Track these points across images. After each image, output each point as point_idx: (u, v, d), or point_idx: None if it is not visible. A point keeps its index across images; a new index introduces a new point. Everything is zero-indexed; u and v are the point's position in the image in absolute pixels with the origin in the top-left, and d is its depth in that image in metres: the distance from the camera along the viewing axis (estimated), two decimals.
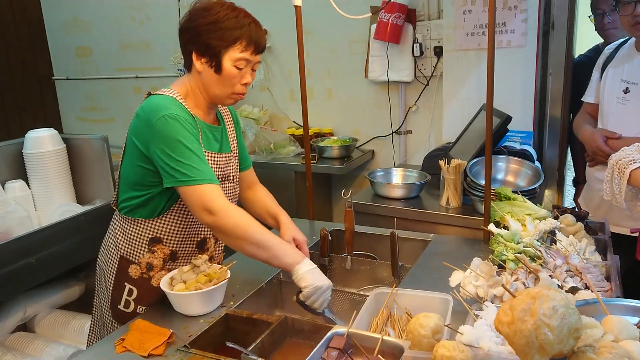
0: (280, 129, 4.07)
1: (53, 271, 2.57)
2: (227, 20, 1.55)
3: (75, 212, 2.74)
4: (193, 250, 1.74)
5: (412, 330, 1.23)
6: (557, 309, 0.87)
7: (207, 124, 1.68)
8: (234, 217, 1.51)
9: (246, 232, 1.51)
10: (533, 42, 2.90)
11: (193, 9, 1.59)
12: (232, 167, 1.77)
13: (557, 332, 0.86)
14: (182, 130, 1.52)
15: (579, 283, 1.47)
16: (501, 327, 0.93)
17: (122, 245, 1.72)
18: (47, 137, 2.84)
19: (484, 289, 1.47)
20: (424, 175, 2.82)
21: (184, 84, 1.66)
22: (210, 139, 1.68)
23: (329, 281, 1.55)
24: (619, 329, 1.00)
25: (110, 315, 1.76)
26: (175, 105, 1.57)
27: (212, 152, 1.66)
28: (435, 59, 3.38)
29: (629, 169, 1.73)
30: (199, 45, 1.57)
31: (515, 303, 0.91)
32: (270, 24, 3.90)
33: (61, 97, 5.13)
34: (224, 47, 1.55)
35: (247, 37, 1.56)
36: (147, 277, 1.70)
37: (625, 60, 2.28)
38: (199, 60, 1.58)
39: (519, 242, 1.68)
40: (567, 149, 3.19)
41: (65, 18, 4.85)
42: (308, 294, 1.51)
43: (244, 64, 1.58)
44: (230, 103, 1.69)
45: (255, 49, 1.59)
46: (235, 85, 1.61)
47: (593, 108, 2.45)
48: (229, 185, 1.75)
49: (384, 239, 2.01)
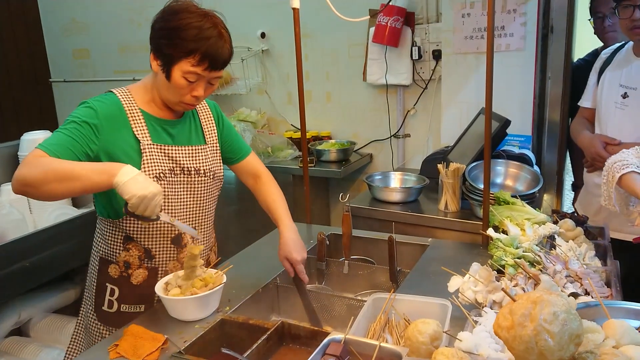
0: (278, 132, 4.05)
1: (48, 275, 2.55)
2: (188, 29, 1.49)
3: (71, 215, 2.73)
4: (169, 247, 1.71)
5: (410, 336, 1.22)
6: (558, 315, 0.85)
7: (157, 118, 1.65)
8: (33, 167, 1.38)
9: (49, 172, 1.37)
10: (532, 46, 2.89)
11: (165, 8, 1.57)
12: (202, 159, 1.73)
13: (558, 339, 0.85)
14: (80, 112, 1.52)
15: (579, 289, 1.46)
16: (500, 332, 0.91)
17: (101, 245, 1.73)
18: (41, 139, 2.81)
19: (483, 295, 1.45)
20: (422, 179, 2.81)
21: (145, 80, 1.67)
22: (160, 131, 1.65)
23: (156, 186, 1.42)
24: (621, 334, 0.98)
25: (96, 318, 1.75)
26: (103, 97, 1.58)
27: (160, 144, 1.64)
28: (433, 62, 3.37)
29: (619, 174, 1.72)
30: (155, 47, 1.56)
31: (515, 307, 0.90)
32: (269, 27, 3.91)
33: (58, 99, 5.11)
34: (176, 57, 1.51)
35: (202, 51, 1.49)
36: (126, 275, 1.69)
37: (623, 64, 2.27)
38: (154, 61, 1.57)
39: (518, 247, 1.66)
40: (566, 154, 3.18)
41: (63, 20, 4.83)
42: (134, 205, 1.40)
43: (194, 77, 1.53)
44: (179, 109, 1.67)
45: (210, 65, 1.52)
46: (184, 95, 1.58)
47: (590, 113, 2.44)
48: (199, 179, 1.72)
49: (382, 243, 2.00)
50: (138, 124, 1.61)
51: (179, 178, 1.67)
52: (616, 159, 1.79)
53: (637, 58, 2.21)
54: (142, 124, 1.62)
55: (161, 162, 1.63)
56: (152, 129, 1.64)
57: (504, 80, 2.91)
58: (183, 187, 1.69)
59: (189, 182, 1.70)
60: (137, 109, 1.62)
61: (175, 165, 1.67)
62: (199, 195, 1.74)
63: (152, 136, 1.63)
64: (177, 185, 1.67)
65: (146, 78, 1.68)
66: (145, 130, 1.62)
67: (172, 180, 1.66)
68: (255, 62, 3.97)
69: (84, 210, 2.83)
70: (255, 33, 3.90)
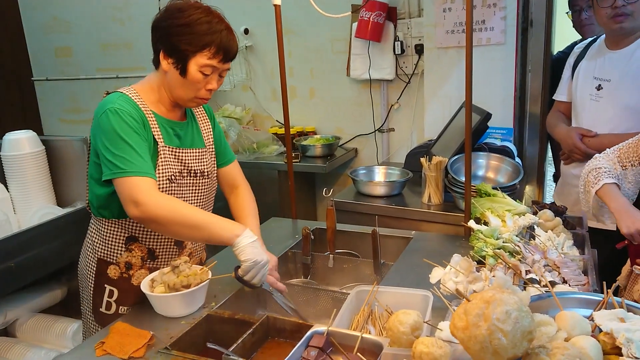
0: (263, 128, 4.06)
1: (33, 275, 2.54)
2: (200, 24, 1.53)
3: (56, 214, 2.72)
4: (172, 248, 1.73)
5: (392, 327, 1.24)
6: (511, 313, 0.88)
7: (167, 120, 1.66)
8: (163, 204, 1.48)
9: (178, 216, 1.48)
10: (512, 40, 2.93)
11: (168, 7, 1.58)
12: (205, 162, 1.75)
13: (511, 337, 0.87)
14: (121, 124, 1.51)
15: (557, 277, 1.49)
16: (456, 332, 0.93)
17: (99, 247, 1.71)
18: (25, 139, 2.81)
19: (463, 285, 1.48)
20: (405, 172, 2.84)
21: (149, 80, 1.67)
22: (171, 134, 1.66)
23: (268, 256, 1.54)
24: (572, 325, 1.01)
25: (93, 319, 1.75)
26: (123, 100, 1.57)
27: (172, 146, 1.65)
28: (416, 56, 3.40)
29: (594, 190, 1.81)
30: (167, 45, 1.56)
31: (469, 308, 0.91)
32: (252, 23, 3.91)
33: (41, 98, 5.06)
34: (192, 52, 1.54)
35: (217, 44, 1.54)
36: (127, 276, 1.70)
37: (596, 57, 2.31)
38: (165, 59, 1.57)
39: (499, 237, 1.69)
40: (547, 145, 3.23)
41: (43, 18, 4.78)
42: (247, 268, 1.50)
43: (210, 70, 1.57)
44: (192, 106, 1.69)
45: (224, 57, 1.57)
46: (199, 90, 1.60)
47: (565, 106, 2.48)
48: (203, 181, 1.74)
49: (366, 237, 2.02)
50: (153, 124, 1.62)
51: (187, 180, 1.69)
52: (590, 168, 1.86)
53: (610, 50, 2.25)
54: (155, 125, 1.62)
55: (173, 165, 1.64)
56: (163, 131, 1.64)
57: (485, 73, 2.95)
58: (189, 189, 1.70)
59: (194, 184, 1.71)
60: (149, 110, 1.62)
61: (184, 168, 1.68)
62: (202, 197, 1.76)
63: (165, 138, 1.64)
64: (184, 188, 1.68)
65: (150, 78, 1.67)
66: (159, 132, 1.62)
67: (182, 183, 1.67)
68: (239, 59, 3.96)
69: (69, 210, 2.82)
70: (239, 29, 3.90)
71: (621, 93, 2.19)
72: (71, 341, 2.54)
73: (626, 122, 2.18)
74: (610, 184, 1.78)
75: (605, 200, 1.77)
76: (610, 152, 1.90)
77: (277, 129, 3.90)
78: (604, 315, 1.04)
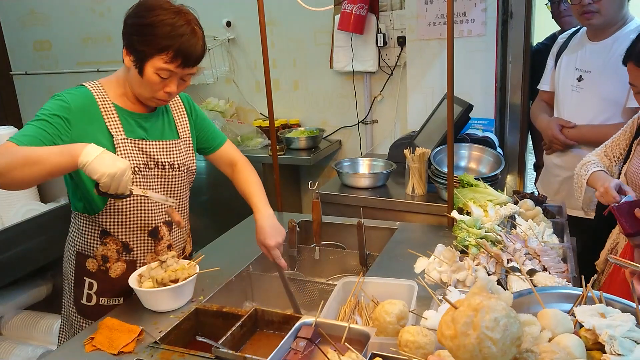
0: (247, 121, 4.06)
1: (18, 271, 2.53)
2: (162, 26, 1.49)
3: (39, 211, 2.70)
4: (146, 240, 1.73)
5: (378, 317, 1.27)
6: (499, 320, 0.87)
7: (131, 112, 1.65)
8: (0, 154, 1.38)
9: (14, 158, 1.35)
10: (493, 31, 2.96)
11: (139, 4, 1.56)
12: (176, 154, 1.74)
13: (501, 345, 0.87)
14: (50, 106, 1.51)
15: (537, 265, 1.54)
16: (444, 341, 0.92)
17: (77, 240, 1.73)
18: (6, 135, 2.77)
19: (447, 275, 1.51)
20: (389, 164, 2.87)
21: (117, 74, 1.67)
22: (133, 125, 1.65)
23: (124, 161, 1.39)
24: (556, 324, 1.04)
25: (75, 311, 1.76)
26: (75, 90, 1.58)
27: (133, 138, 1.64)
28: (398, 48, 3.42)
29: (584, 180, 1.85)
30: (128, 43, 1.55)
31: (457, 316, 0.90)
32: (234, 15, 3.89)
33: (20, 92, 4.99)
34: (149, 54, 1.51)
35: (175, 48, 1.50)
36: (104, 269, 1.71)
37: (578, 48, 2.35)
38: (127, 56, 1.56)
39: (481, 227, 1.73)
40: (528, 135, 3.28)
41: (21, 11, 4.70)
42: (106, 184, 1.38)
43: (167, 74, 1.54)
44: (151, 105, 1.67)
45: (183, 62, 1.53)
46: (156, 91, 1.58)
47: (549, 96, 2.53)
48: (172, 173, 1.73)
49: (352, 228, 2.05)
50: (111, 118, 1.61)
51: (153, 172, 1.68)
52: (581, 164, 1.92)
53: (591, 42, 2.29)
54: (115, 118, 1.61)
55: (135, 157, 1.64)
56: (125, 123, 1.63)
57: (466, 65, 2.99)
58: (158, 181, 1.70)
59: (163, 177, 1.71)
60: (109, 102, 1.62)
61: (150, 160, 1.67)
62: (173, 189, 1.75)
63: (126, 130, 1.63)
64: (151, 180, 1.68)
65: (119, 71, 1.67)
66: (119, 125, 1.62)
67: (147, 175, 1.67)
68: (221, 51, 3.95)
69: (53, 206, 2.80)
70: (221, 22, 3.88)
71: (600, 84, 2.23)
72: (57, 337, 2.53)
73: (604, 112, 2.23)
74: (597, 171, 1.82)
75: (594, 185, 1.80)
76: (598, 149, 1.96)
77: (261, 121, 3.91)
78: (585, 311, 1.07)
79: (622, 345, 0.95)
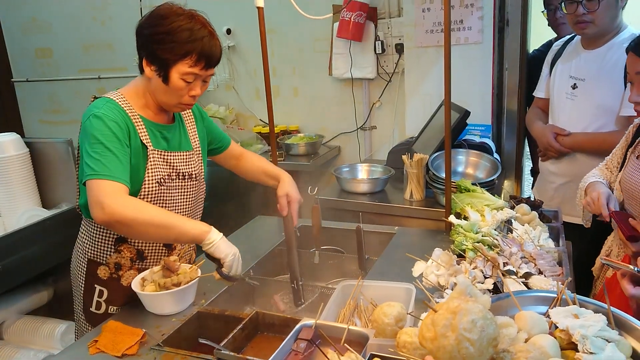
0: (247, 127, 4.09)
1: (20, 277, 2.55)
2: (180, 32, 1.52)
3: (41, 216, 2.72)
4: (160, 249, 1.76)
5: (377, 319, 1.30)
6: (476, 322, 0.91)
7: (155, 123, 1.67)
8: (128, 205, 1.46)
9: (144, 216, 1.46)
10: (489, 39, 3.00)
11: (151, 14, 1.58)
12: (193, 165, 1.77)
13: (478, 345, 0.90)
14: (103, 128, 1.52)
15: (533, 269, 1.56)
16: (425, 343, 0.95)
17: (89, 248, 1.74)
18: (9, 141, 2.81)
19: (444, 278, 1.54)
20: (388, 170, 2.90)
21: (135, 84, 1.67)
22: (159, 137, 1.68)
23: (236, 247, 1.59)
24: (531, 325, 1.07)
25: (84, 319, 1.78)
26: (108, 106, 1.57)
27: (160, 150, 1.67)
28: (396, 55, 3.46)
29: (583, 190, 1.87)
30: (149, 53, 1.56)
31: (437, 318, 0.94)
32: (234, 23, 3.93)
33: (21, 99, 5.02)
34: (173, 61, 1.53)
35: (198, 51, 1.53)
36: (116, 276, 1.72)
37: (572, 56, 2.38)
38: (148, 66, 1.58)
39: (478, 231, 1.76)
40: (524, 141, 3.32)
41: (22, 19, 4.74)
42: (230, 262, 1.54)
43: (192, 77, 1.57)
44: (177, 111, 1.71)
45: (206, 64, 1.57)
46: (182, 96, 1.60)
47: (544, 103, 2.56)
48: (191, 183, 1.76)
49: (351, 233, 2.07)
50: (141, 129, 1.63)
51: (175, 183, 1.70)
52: (584, 180, 1.93)
53: (585, 50, 2.32)
54: (143, 129, 1.63)
55: (162, 168, 1.66)
56: (151, 135, 1.65)
57: (464, 72, 3.02)
58: (178, 192, 1.72)
59: (184, 187, 1.73)
60: (136, 114, 1.63)
61: (172, 171, 1.70)
62: (191, 199, 1.78)
63: (153, 142, 1.65)
64: (173, 191, 1.70)
65: (136, 82, 1.67)
66: (147, 136, 1.63)
67: (170, 186, 1.69)
68: (222, 59, 3.96)
69: (55, 211, 2.83)
70: (221, 29, 3.92)
71: (595, 92, 2.26)
72: (59, 342, 2.55)
73: (598, 120, 2.26)
74: (594, 182, 1.84)
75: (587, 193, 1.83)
76: (601, 164, 1.97)
77: (260, 128, 3.94)
78: (559, 313, 1.10)
79: (594, 344, 0.99)
